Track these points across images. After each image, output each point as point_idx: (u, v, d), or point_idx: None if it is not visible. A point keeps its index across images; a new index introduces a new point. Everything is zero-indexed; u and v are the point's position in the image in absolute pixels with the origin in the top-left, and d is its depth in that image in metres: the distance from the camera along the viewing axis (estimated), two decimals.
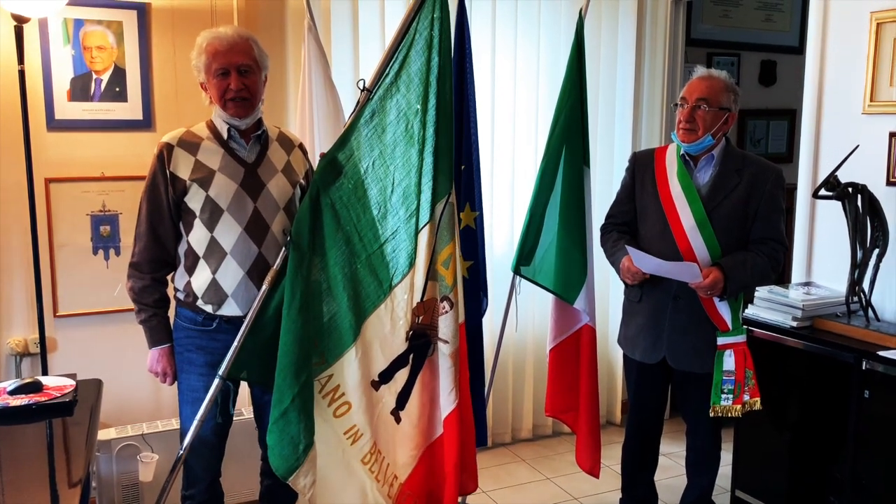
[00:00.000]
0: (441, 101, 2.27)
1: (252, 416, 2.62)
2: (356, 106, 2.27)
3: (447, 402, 2.36)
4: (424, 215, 2.29)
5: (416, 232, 2.29)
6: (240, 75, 2.27)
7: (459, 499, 3.08)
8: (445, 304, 2.35)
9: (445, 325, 2.35)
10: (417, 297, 2.31)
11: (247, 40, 2.30)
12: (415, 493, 2.41)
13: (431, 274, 2.32)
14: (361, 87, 2.26)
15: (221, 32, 2.29)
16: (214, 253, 2.30)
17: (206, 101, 2.37)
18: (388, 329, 2.32)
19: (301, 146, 2.52)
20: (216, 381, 2.26)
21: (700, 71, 2.68)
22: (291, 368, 2.19)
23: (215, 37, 2.28)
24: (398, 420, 2.38)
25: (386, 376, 2.35)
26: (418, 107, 2.26)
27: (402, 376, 2.36)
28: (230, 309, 2.32)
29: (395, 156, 2.28)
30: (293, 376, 2.19)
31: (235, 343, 2.25)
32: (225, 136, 2.33)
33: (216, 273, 2.31)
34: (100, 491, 2.96)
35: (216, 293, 2.31)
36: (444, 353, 2.35)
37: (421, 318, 2.33)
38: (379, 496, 2.34)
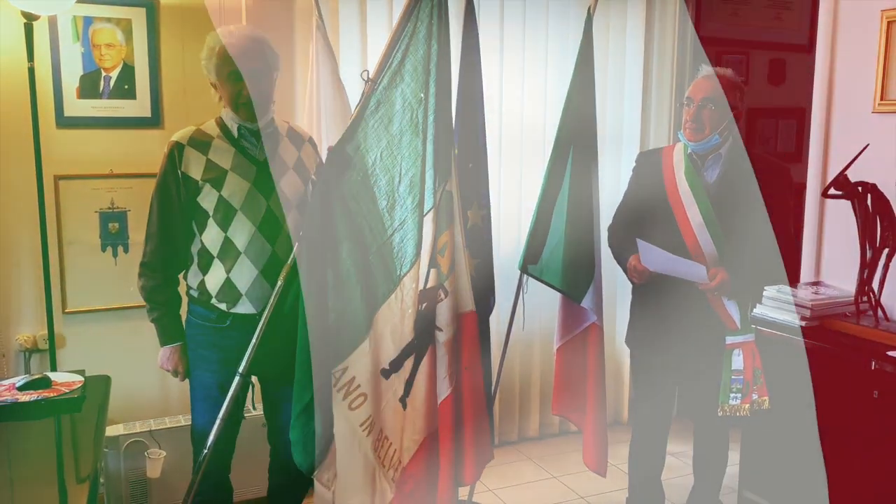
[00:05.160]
0: (440, 89, 2.27)
1: (262, 412, 2.62)
2: (361, 97, 2.26)
3: (441, 389, 2.37)
4: (429, 203, 2.30)
5: (422, 220, 2.30)
6: (252, 80, 2.26)
7: (465, 491, 3.10)
8: (441, 292, 2.36)
9: (441, 314, 2.35)
10: (421, 285, 2.32)
11: (259, 43, 2.28)
12: (416, 476, 2.41)
13: (433, 262, 2.33)
14: (365, 78, 2.25)
15: (233, 35, 2.26)
16: (229, 253, 2.30)
17: (215, 99, 2.36)
18: (398, 319, 2.32)
19: (311, 140, 2.52)
20: (237, 379, 2.26)
21: (705, 70, 2.67)
22: (311, 364, 2.20)
23: (227, 40, 2.25)
24: (405, 407, 2.39)
25: (396, 365, 2.35)
26: (422, 95, 2.26)
27: (409, 364, 2.37)
28: (244, 307, 2.32)
29: (401, 146, 2.28)
30: (313, 371, 2.20)
31: (253, 340, 2.25)
32: (235, 134, 2.33)
33: (230, 272, 2.31)
34: (108, 487, 2.97)
35: (230, 292, 2.32)
36: (439, 342, 2.36)
37: (424, 305, 2.34)
38: (384, 481, 2.35)
